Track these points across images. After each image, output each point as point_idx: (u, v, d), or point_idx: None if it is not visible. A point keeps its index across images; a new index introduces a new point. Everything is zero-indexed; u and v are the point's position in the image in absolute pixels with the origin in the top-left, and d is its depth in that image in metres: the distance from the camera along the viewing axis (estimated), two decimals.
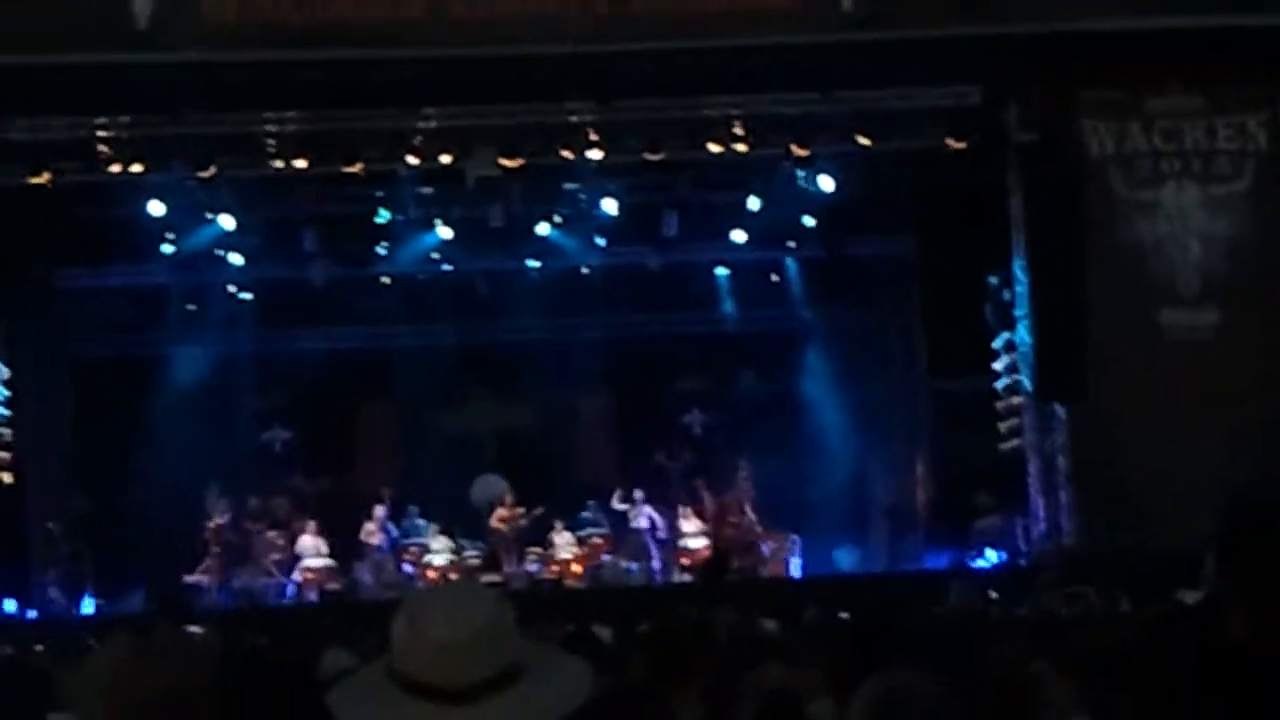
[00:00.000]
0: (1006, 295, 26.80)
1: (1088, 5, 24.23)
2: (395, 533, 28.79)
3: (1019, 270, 26.14)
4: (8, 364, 26.83)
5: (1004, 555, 27.10)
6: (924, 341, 29.74)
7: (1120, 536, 24.23)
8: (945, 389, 29.18)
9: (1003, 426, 27.47)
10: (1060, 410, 26.06)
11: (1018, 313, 26.35)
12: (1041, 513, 26.43)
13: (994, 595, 23.26)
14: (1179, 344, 25.72)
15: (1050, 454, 26.27)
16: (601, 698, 6.95)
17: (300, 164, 25.67)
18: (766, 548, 28.91)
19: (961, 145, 25.92)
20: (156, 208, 26.76)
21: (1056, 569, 24.35)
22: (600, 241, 29.17)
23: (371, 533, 28.68)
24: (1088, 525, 25.47)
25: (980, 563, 27.27)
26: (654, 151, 25.97)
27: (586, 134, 25.76)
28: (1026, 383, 26.38)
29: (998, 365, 27.48)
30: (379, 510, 28.81)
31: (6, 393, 26.77)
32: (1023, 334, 26.21)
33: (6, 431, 26.71)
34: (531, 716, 3.80)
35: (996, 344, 27.41)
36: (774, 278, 30.65)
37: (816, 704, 7.17)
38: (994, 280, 27.25)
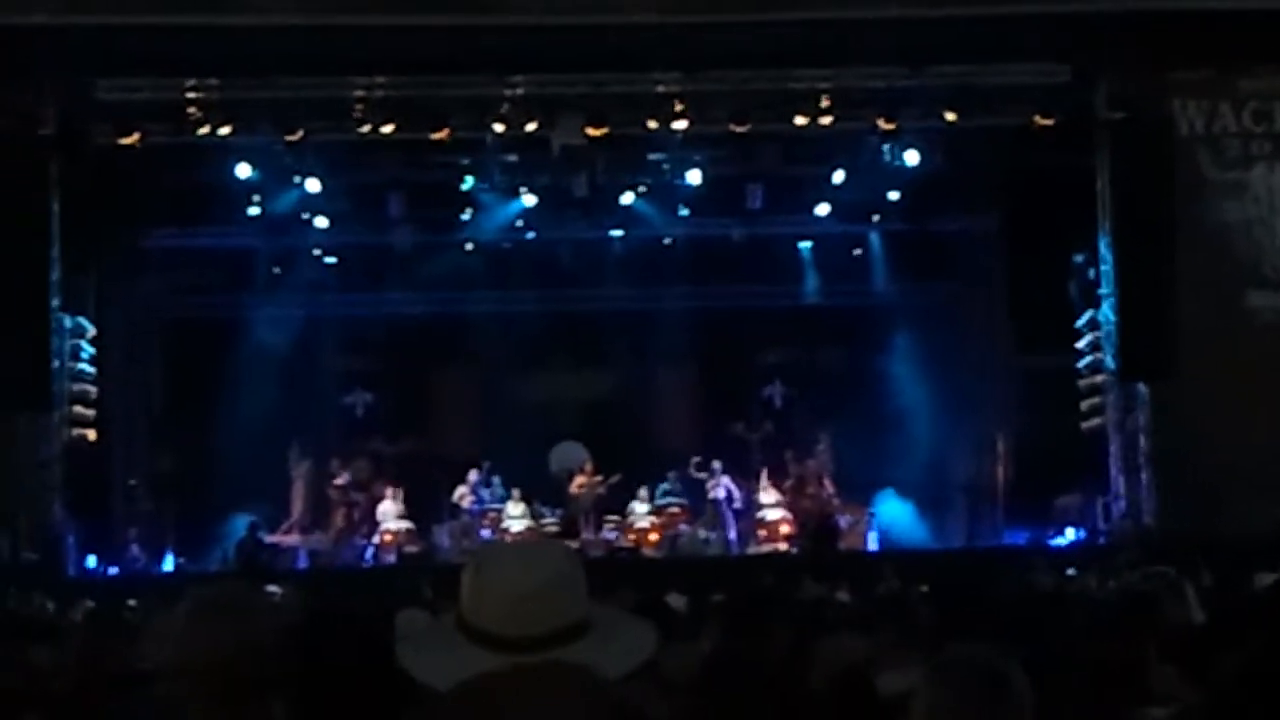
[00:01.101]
0: (1091, 274, 26.65)
1: None
2: (486, 497, 28.91)
3: (1105, 249, 26.00)
4: (95, 323, 27.05)
5: (1083, 534, 26.99)
6: (1007, 319, 29.63)
7: (1199, 518, 24.10)
8: (1028, 366, 29.08)
9: (1085, 405, 27.34)
10: (1143, 390, 25.95)
11: (1102, 291, 26.21)
12: (1122, 492, 26.33)
13: (1071, 573, 23.16)
14: (1265, 326, 25.56)
15: (1132, 433, 26.18)
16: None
17: (387, 129, 25.79)
18: (844, 520, 28.88)
19: (1049, 122, 25.81)
20: (244, 170, 26.94)
21: (1135, 549, 24.24)
22: (684, 212, 29.14)
23: (463, 495, 28.81)
24: (1168, 506, 25.34)
25: (1059, 540, 27.17)
26: (739, 123, 25.94)
27: (672, 104, 25.78)
28: (1110, 362, 26.25)
29: (1081, 344, 27.33)
30: (472, 475, 28.93)
31: (93, 350, 26.99)
32: (1107, 313, 26.08)
33: (92, 389, 26.93)
34: (599, 669, 3.80)
35: (1080, 322, 27.27)
36: (857, 252, 30.55)
37: (887, 675, 7.18)
38: (1079, 258, 27.11)
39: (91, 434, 26.91)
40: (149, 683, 5.00)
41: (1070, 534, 27.23)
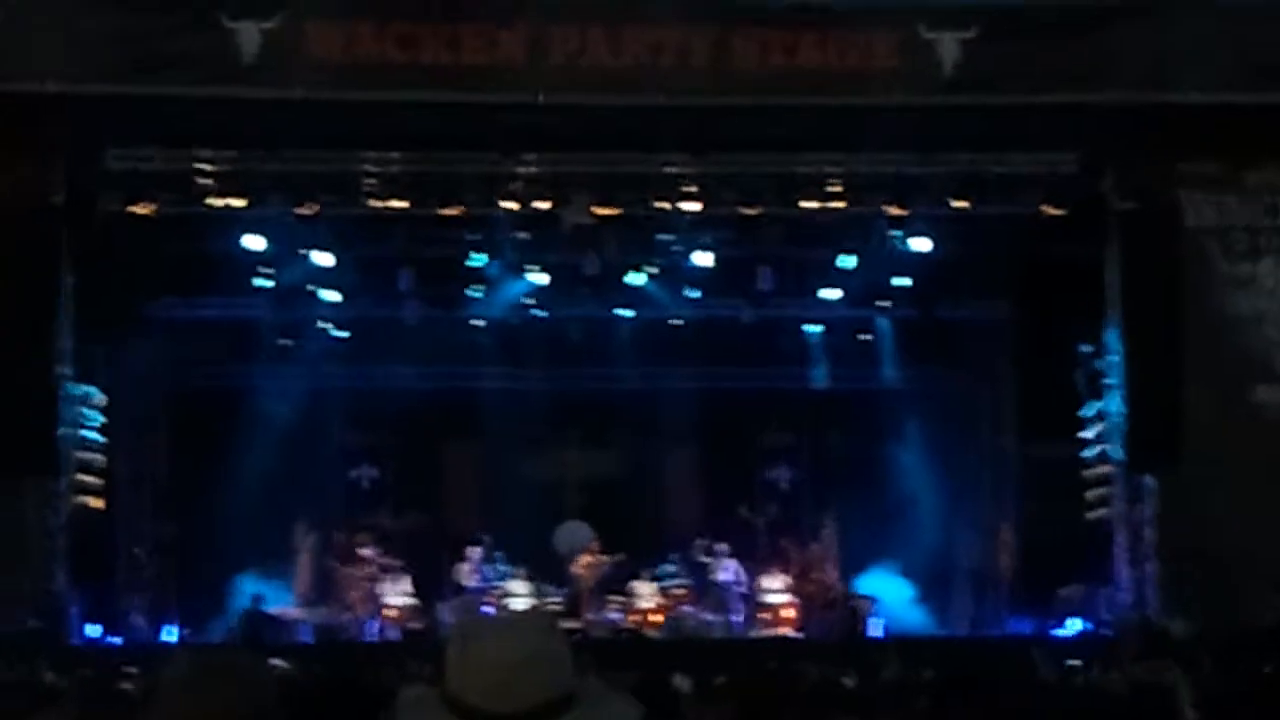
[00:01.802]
0: (1099, 364, 26.66)
1: (1189, 76, 24.09)
2: (489, 575, 28.87)
3: (1113, 339, 26.00)
4: (104, 390, 27.08)
5: (1087, 625, 26.90)
6: (1015, 407, 29.65)
7: (1205, 611, 24.03)
8: (1034, 455, 29.06)
9: (1091, 495, 27.30)
10: (1150, 482, 25.89)
11: (1110, 382, 26.20)
12: (1127, 584, 26.24)
13: (1074, 663, 23.08)
14: (1273, 422, 25.52)
15: (1138, 525, 26.09)
16: None
17: (398, 204, 25.88)
18: (848, 605, 28.81)
19: (1059, 212, 25.87)
20: (254, 242, 26.97)
21: (1139, 641, 24.15)
22: (693, 293, 29.15)
23: (466, 572, 28.77)
24: (1173, 599, 25.24)
25: (1062, 631, 27.08)
26: (749, 205, 26.04)
27: (682, 186, 25.86)
28: (1116, 452, 26.22)
29: (1088, 434, 27.31)
30: (475, 552, 28.90)
31: (101, 419, 27.01)
32: (1114, 403, 26.06)
33: (99, 457, 26.94)
34: None
35: (1087, 412, 27.25)
36: (865, 337, 30.54)
37: None
38: (1087, 348, 27.11)
39: (97, 502, 26.90)
40: None
41: (1074, 624, 27.13)
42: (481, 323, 29.71)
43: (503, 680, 3.73)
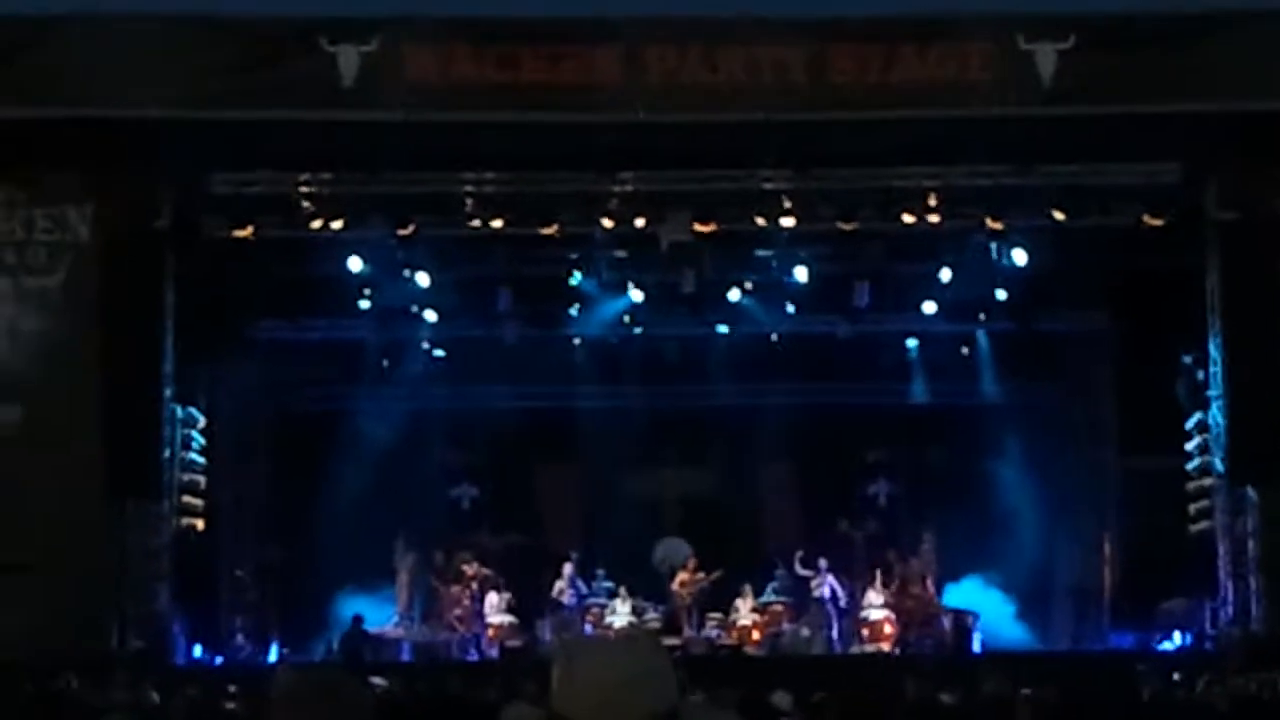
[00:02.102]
0: (1200, 375, 26.47)
1: None
2: (584, 591, 28.93)
3: (1214, 350, 25.82)
4: (205, 413, 27.32)
5: (1189, 639, 26.70)
6: (1115, 419, 29.47)
7: None
8: (1135, 468, 28.88)
9: (1193, 508, 27.10)
10: (1253, 494, 25.68)
11: (1211, 393, 26.02)
12: (1230, 597, 26.03)
13: (1177, 678, 22.93)
14: None
15: (1240, 538, 25.89)
16: None
17: (497, 224, 26.00)
18: (948, 621, 28.71)
19: (1159, 222, 25.70)
20: (355, 264, 27.14)
21: (1243, 655, 23.97)
22: (791, 309, 29.14)
23: (561, 590, 28.85)
24: (1276, 612, 25.02)
25: (1165, 645, 26.89)
26: (847, 221, 26.00)
27: (780, 201, 25.87)
28: (1218, 465, 26.02)
29: (1189, 446, 27.11)
30: (567, 568, 28.99)
31: (203, 441, 27.25)
32: (1216, 415, 25.87)
33: (202, 479, 27.18)
34: None
35: (1189, 424, 27.06)
36: (964, 351, 30.43)
37: None
38: (1188, 359, 26.93)
39: (200, 523, 27.15)
40: None
41: (1177, 639, 26.93)
42: (579, 341, 29.81)
43: (608, 699, 3.74)
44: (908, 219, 25.90)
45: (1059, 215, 25.74)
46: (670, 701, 3.82)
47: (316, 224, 25.80)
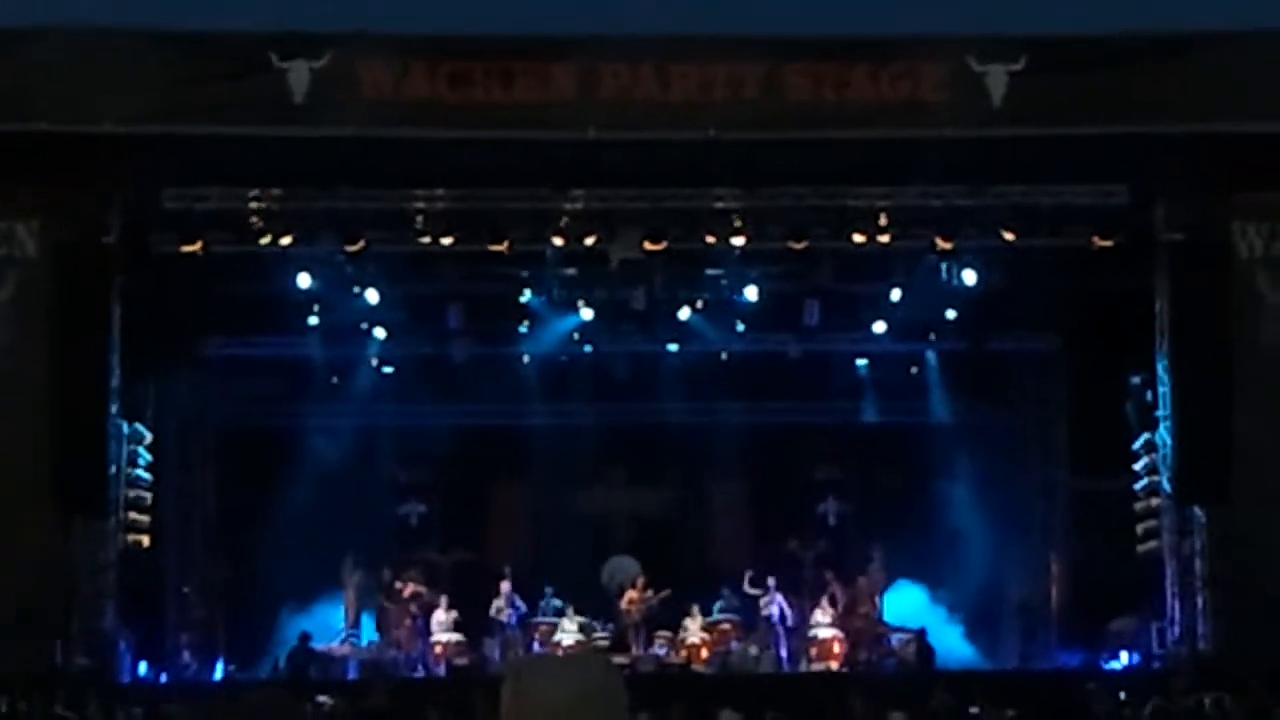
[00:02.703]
0: (1149, 395, 26.56)
1: (1242, 106, 24.04)
2: (523, 609, 28.85)
3: (1162, 370, 25.91)
4: (152, 430, 27.17)
5: (1137, 658, 26.79)
6: (1064, 440, 29.56)
7: (1256, 643, 23.90)
8: (1084, 488, 28.98)
9: (1141, 528, 27.19)
10: (1200, 513, 25.77)
11: (1160, 413, 26.11)
12: (1177, 617, 26.10)
13: (1124, 697, 23.02)
14: None
15: (1188, 557, 25.97)
16: None
17: (447, 241, 25.92)
18: (896, 639, 28.76)
19: (1108, 243, 25.79)
20: (304, 280, 27.07)
21: (1191, 674, 24.06)
22: (741, 328, 29.18)
23: (499, 609, 28.77)
24: (1224, 630, 25.11)
25: (1113, 664, 26.97)
26: (798, 240, 26.01)
27: (730, 220, 25.86)
28: (1166, 484, 26.11)
29: (1138, 466, 27.20)
30: (505, 586, 28.91)
31: (149, 457, 27.10)
32: (1164, 435, 25.96)
33: (148, 495, 27.03)
34: None
35: (1137, 444, 27.15)
36: (914, 370, 30.53)
37: None
38: (1137, 380, 27.03)
39: (146, 540, 26.98)
40: None
41: (1124, 658, 27.02)
42: (529, 358, 29.79)
43: (559, 719, 3.73)
44: (858, 238, 25.92)
45: (1009, 236, 25.82)
46: None
47: (266, 240, 25.70)
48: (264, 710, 4.56)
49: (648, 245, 25.83)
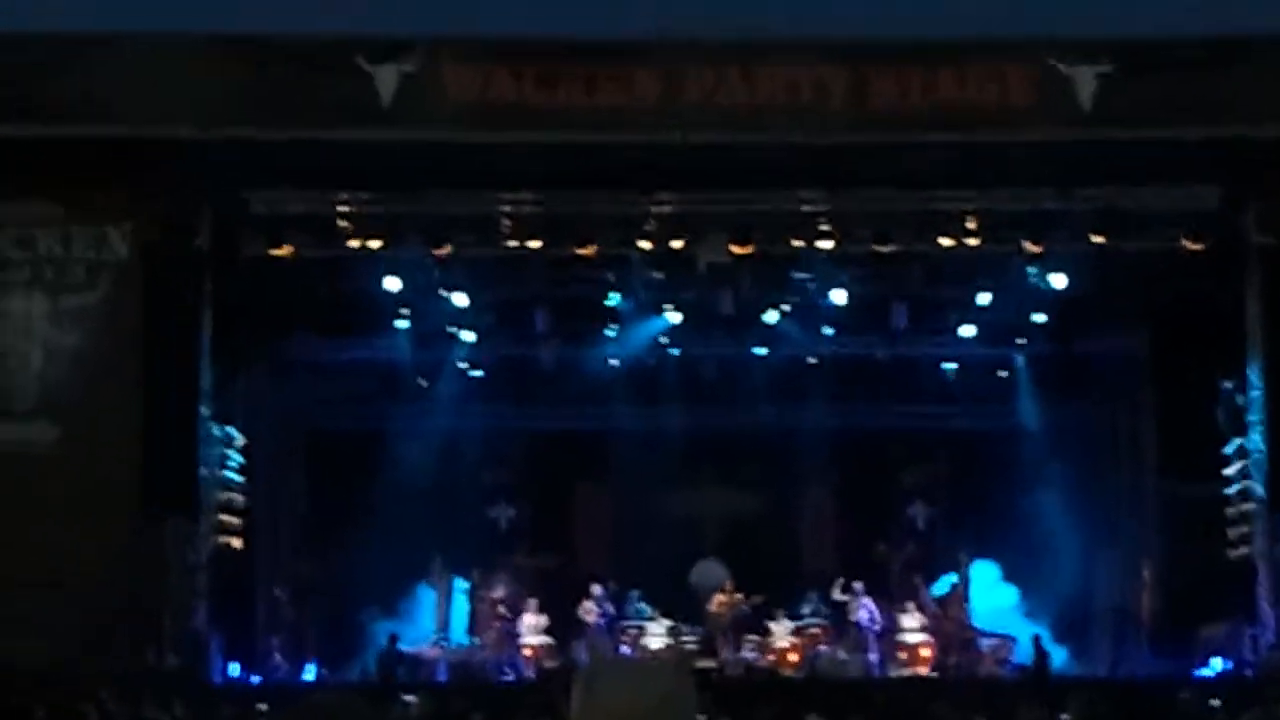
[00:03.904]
0: (1240, 400, 26.33)
1: None
2: (612, 612, 28.88)
3: (1254, 375, 25.69)
4: (243, 432, 27.35)
5: (1229, 665, 26.54)
6: (1154, 444, 29.33)
7: None
8: (1175, 493, 28.71)
9: (1232, 534, 26.94)
10: None
11: (1251, 418, 25.88)
12: (1271, 623, 25.85)
13: (1216, 703, 22.77)
14: None
15: None
16: None
17: (534, 245, 25.97)
18: (985, 644, 28.63)
19: (1198, 246, 25.58)
20: (393, 283, 27.15)
21: None
22: (828, 331, 29.09)
23: (589, 611, 28.82)
24: None
25: (1205, 671, 26.73)
26: (884, 243, 25.92)
27: (817, 224, 25.80)
28: (1259, 490, 25.88)
29: (1229, 471, 26.96)
30: (596, 589, 28.96)
31: (241, 459, 27.28)
32: (1256, 440, 25.73)
33: (239, 497, 27.21)
34: None
35: (1228, 449, 26.92)
36: (1002, 374, 30.36)
37: None
38: (1227, 384, 26.79)
39: (237, 541, 27.15)
40: None
41: (1216, 664, 26.77)
42: (616, 362, 29.81)
43: None
44: (946, 242, 25.83)
45: (1098, 239, 25.65)
46: None
47: (354, 243, 25.83)
48: (341, 714, 4.58)
49: (734, 248, 25.81)
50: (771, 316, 28.83)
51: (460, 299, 27.95)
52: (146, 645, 24.72)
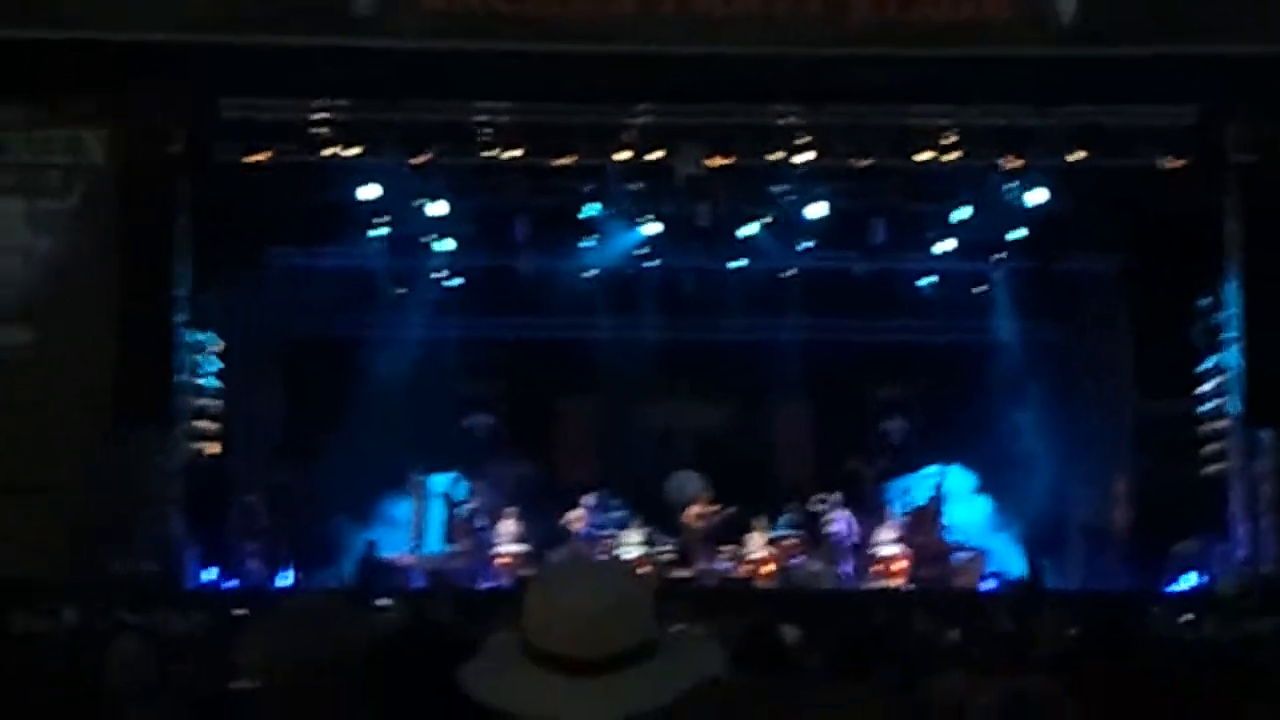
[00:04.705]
0: (1216, 318, 26.38)
1: None
2: (600, 523, 28.96)
3: (1231, 293, 25.73)
4: (220, 338, 27.31)
5: (1202, 580, 26.69)
6: (1129, 361, 29.37)
7: None
8: (1149, 410, 28.79)
9: (1206, 450, 27.05)
10: (1266, 436, 25.63)
11: (1227, 336, 25.94)
12: (1242, 539, 26.00)
13: (1188, 619, 22.91)
14: None
15: (1254, 480, 25.85)
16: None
17: (512, 154, 25.90)
18: (958, 558, 28.74)
19: (1178, 164, 25.57)
20: (370, 191, 27.08)
21: (1256, 597, 23.97)
22: (806, 245, 29.04)
23: (577, 519, 28.87)
24: None
25: (1177, 586, 26.88)
26: (863, 157, 25.88)
27: (796, 137, 25.74)
28: (1233, 407, 25.97)
29: (1204, 388, 27.04)
30: (589, 499, 29.02)
31: (217, 366, 27.25)
32: (1231, 357, 25.80)
33: (215, 404, 27.20)
34: (661, 692, 3.74)
35: (1203, 367, 26.99)
36: (979, 289, 30.34)
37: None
38: (1204, 302, 26.84)
39: (213, 448, 27.16)
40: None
41: (1189, 580, 26.91)
42: (594, 273, 29.75)
43: (582, 627, 3.71)
44: (924, 157, 25.79)
45: (1077, 155, 25.62)
46: (646, 632, 3.78)
47: (330, 151, 25.76)
48: (324, 614, 4.59)
49: (712, 161, 25.75)
50: (749, 229, 28.77)
51: (438, 207, 27.86)
52: (122, 551, 24.77)
